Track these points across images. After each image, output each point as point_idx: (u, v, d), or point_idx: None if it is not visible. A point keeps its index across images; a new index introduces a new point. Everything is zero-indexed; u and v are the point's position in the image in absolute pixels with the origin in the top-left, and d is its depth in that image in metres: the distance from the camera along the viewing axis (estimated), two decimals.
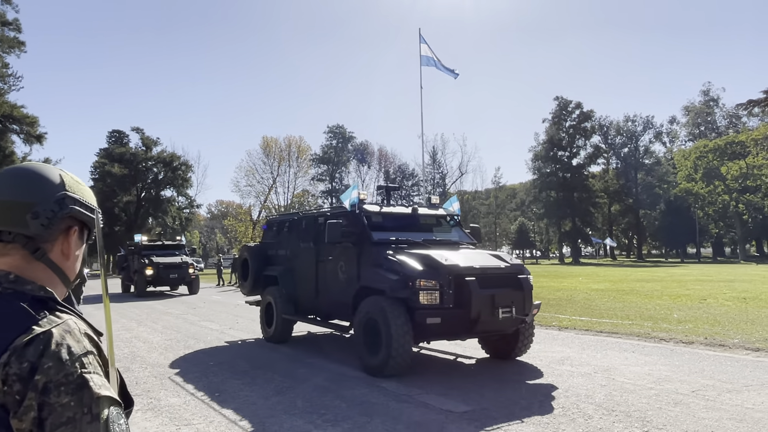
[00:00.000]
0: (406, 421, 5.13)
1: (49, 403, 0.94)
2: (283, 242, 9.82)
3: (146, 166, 56.79)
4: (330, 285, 8.19)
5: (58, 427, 0.94)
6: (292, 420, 5.19)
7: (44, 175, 1.13)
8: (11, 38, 43.09)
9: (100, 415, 0.97)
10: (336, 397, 5.95)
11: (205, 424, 5.11)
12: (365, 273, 7.33)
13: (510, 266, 7.33)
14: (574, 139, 65.29)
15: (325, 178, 70.75)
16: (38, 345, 0.97)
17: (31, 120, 44.12)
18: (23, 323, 1.00)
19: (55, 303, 1.09)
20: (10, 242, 1.10)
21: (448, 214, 8.98)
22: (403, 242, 7.62)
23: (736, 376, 6.54)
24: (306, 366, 7.66)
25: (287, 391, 6.26)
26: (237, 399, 5.98)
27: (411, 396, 5.96)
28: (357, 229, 7.60)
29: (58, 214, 1.11)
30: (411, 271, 6.60)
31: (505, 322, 6.66)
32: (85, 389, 0.97)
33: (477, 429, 4.81)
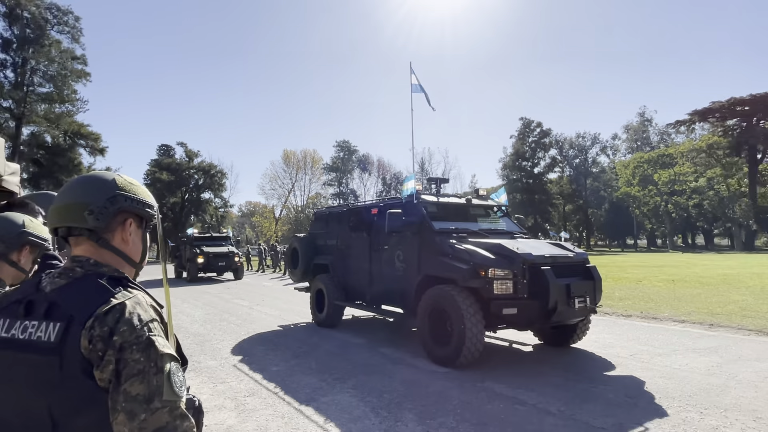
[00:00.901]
0: (400, 378, 5.13)
1: (124, 358, 0.98)
2: (332, 232, 8.62)
3: (189, 174, 56.66)
4: (385, 273, 6.96)
5: (130, 377, 0.97)
6: (307, 378, 5.19)
7: (99, 180, 1.17)
8: (79, 70, 42.98)
9: (164, 368, 1.01)
10: (343, 360, 5.95)
11: (237, 382, 5.11)
12: (429, 262, 6.10)
13: (577, 255, 6.06)
14: (536, 152, 65.22)
15: (334, 184, 70.63)
16: (115, 313, 1.01)
17: (95, 136, 44.02)
18: (103, 296, 1.04)
19: (127, 281, 1.13)
20: (80, 235, 1.14)
21: (497, 205, 7.71)
22: (462, 231, 6.42)
23: (666, 343, 6.58)
24: (318, 335, 7.65)
25: (303, 356, 6.25)
26: (262, 362, 5.98)
27: (404, 359, 5.97)
28: (417, 219, 6.41)
29: (110, 210, 1.14)
30: (483, 260, 5.42)
31: (579, 313, 5.62)
32: (152, 348, 1.01)
33: (454, 383, 4.84)
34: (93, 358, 0.98)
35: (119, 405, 0.97)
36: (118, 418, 0.97)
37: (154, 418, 0.97)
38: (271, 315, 9.89)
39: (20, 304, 1.09)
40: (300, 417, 4.05)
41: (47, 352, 1.00)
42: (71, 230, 1.14)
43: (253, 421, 3.98)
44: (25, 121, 40.27)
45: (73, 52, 42.59)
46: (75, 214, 1.12)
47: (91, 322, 1.00)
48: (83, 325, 0.99)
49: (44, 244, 1.76)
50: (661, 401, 4.25)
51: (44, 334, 1.01)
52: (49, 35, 41.12)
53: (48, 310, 1.04)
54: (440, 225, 6.41)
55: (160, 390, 0.99)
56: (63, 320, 1.01)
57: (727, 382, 4.76)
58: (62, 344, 0.99)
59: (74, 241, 1.16)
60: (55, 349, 0.99)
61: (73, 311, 1.02)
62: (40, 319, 1.03)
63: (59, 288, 1.08)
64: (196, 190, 57.54)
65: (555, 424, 3.78)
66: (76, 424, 1.00)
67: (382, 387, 4.82)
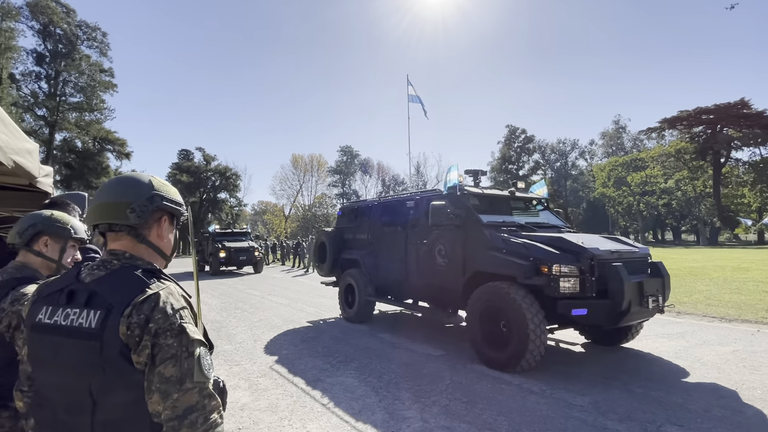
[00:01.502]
0: (398, 361, 5.13)
1: (158, 343, 1.00)
2: (362, 227, 7.64)
3: (206, 176, 56.53)
4: (424, 269, 6.04)
5: (164, 361, 0.99)
6: (314, 361, 5.19)
7: (138, 181, 1.18)
8: (106, 82, 42.91)
9: (194, 352, 1.02)
10: (346, 345, 5.95)
11: (250, 364, 5.11)
12: (479, 257, 5.15)
13: (641, 250, 5.11)
14: (520, 156, 65.26)
15: (338, 185, 70.58)
16: (150, 302, 1.02)
17: (121, 142, 43.95)
18: (139, 286, 1.05)
19: (160, 273, 1.14)
20: (120, 231, 1.15)
21: (538, 198, 6.68)
22: (510, 225, 5.51)
23: None
24: (324, 321, 7.64)
25: (310, 340, 6.25)
26: (273, 345, 5.98)
27: (401, 344, 5.97)
28: (462, 212, 5.47)
29: (149, 208, 1.15)
30: (546, 255, 4.48)
31: (651, 312, 4.72)
32: (184, 334, 1.03)
33: (447, 365, 4.85)
34: (131, 343, 1.00)
35: (154, 386, 0.98)
36: (153, 398, 0.98)
37: (186, 398, 0.99)
38: (281, 304, 9.89)
39: (61, 293, 1.09)
40: (307, 396, 4.05)
41: (89, 337, 1.01)
42: (111, 226, 1.14)
43: (265, 399, 3.99)
44: (58, 127, 40.20)
45: (101, 65, 42.51)
46: (118, 211, 1.12)
47: (129, 310, 1.01)
48: (122, 313, 1.00)
49: (66, 235, 1.76)
50: (633, 381, 4.26)
51: (86, 321, 1.02)
52: (80, 50, 41.03)
53: (89, 299, 1.05)
54: (487, 218, 5.47)
55: (191, 372, 1.00)
56: (103, 308, 1.02)
57: (693, 365, 4.78)
58: (102, 330, 1.00)
59: (113, 237, 1.17)
60: (96, 335, 1.00)
61: (113, 300, 1.03)
62: (82, 307, 1.04)
63: (98, 279, 1.09)
64: (213, 190, 57.45)
65: (537, 402, 3.80)
66: (113, 402, 1.01)
67: (382, 369, 4.82)
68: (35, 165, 2.71)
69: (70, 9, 40.22)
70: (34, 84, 39.78)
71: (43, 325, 1.07)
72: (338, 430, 3.33)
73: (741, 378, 4.33)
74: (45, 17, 38.55)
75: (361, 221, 7.81)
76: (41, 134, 38.83)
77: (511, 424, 3.35)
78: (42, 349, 1.08)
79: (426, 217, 5.80)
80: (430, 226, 5.71)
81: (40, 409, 1.09)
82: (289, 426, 3.42)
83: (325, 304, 9.62)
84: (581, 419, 3.42)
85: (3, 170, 2.71)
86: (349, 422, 3.45)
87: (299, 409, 3.74)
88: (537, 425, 3.33)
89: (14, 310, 1.48)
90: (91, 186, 39.98)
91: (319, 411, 3.70)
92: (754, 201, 46.03)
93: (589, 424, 3.32)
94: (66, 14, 40.01)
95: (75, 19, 40.75)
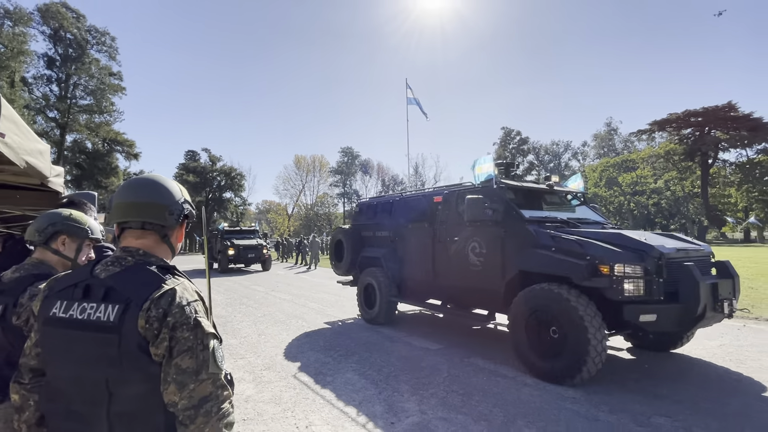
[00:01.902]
0: (396, 355, 5.13)
1: (176, 336, 1.01)
2: (383, 224, 6.96)
3: (212, 176, 56.57)
4: (455, 268, 5.36)
5: (181, 353, 1.00)
6: (316, 354, 5.19)
7: (173, 186, 1.21)
8: (115, 85, 42.86)
9: (209, 345, 1.04)
10: (347, 339, 5.95)
11: (254, 358, 5.11)
12: (523, 256, 4.48)
13: (704, 248, 4.48)
14: (515, 157, 65.22)
15: (339, 185, 70.53)
16: (168, 297, 1.03)
17: (129, 143, 43.92)
18: (156, 282, 1.06)
19: (174, 269, 1.15)
20: (149, 230, 1.16)
21: (575, 192, 5.92)
22: (552, 221, 4.87)
23: None
24: (326, 316, 7.64)
25: (312, 335, 6.25)
26: (276, 339, 5.98)
27: (400, 338, 5.96)
28: (500, 206, 4.80)
29: (183, 213, 1.20)
30: (605, 254, 3.83)
31: (722, 317, 4.03)
32: (199, 328, 1.04)
33: (444, 359, 4.85)
34: (149, 336, 1.00)
35: (170, 377, 0.99)
36: (169, 388, 0.99)
37: (201, 388, 1.00)
38: (284, 299, 9.88)
39: (76, 288, 1.09)
40: (310, 388, 4.05)
41: (107, 331, 1.01)
42: (143, 224, 1.15)
43: (269, 391, 3.99)
44: (69, 129, 40.14)
45: (110, 68, 42.44)
46: (157, 212, 1.14)
47: (148, 304, 1.01)
48: (140, 308, 1.01)
49: (83, 235, 1.78)
50: (623, 374, 4.27)
51: (104, 315, 1.02)
52: (89, 54, 40.94)
53: (106, 294, 1.05)
54: (527, 214, 4.84)
55: (206, 364, 1.02)
56: (121, 303, 1.02)
57: (680, 358, 4.78)
58: (121, 324, 1.00)
59: (137, 234, 1.16)
60: (114, 328, 1.00)
61: (130, 295, 1.03)
62: (99, 301, 1.04)
63: (114, 275, 1.08)
64: (218, 190, 57.48)
65: (531, 393, 3.80)
66: (129, 394, 1.01)
67: (381, 362, 4.82)
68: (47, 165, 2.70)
69: (80, 14, 40.10)
70: (45, 87, 39.71)
71: (57, 319, 1.07)
72: (339, 421, 3.33)
73: (727, 371, 4.34)
74: (56, 22, 38.44)
75: (381, 218, 7.10)
76: (52, 136, 38.78)
77: (506, 416, 3.35)
78: (56, 342, 1.07)
79: (457, 212, 5.28)
80: (465, 222, 5.02)
81: (52, 401, 1.08)
82: (292, 417, 3.42)
83: (326, 300, 9.62)
84: (573, 410, 3.42)
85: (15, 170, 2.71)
86: (350, 414, 3.45)
87: (302, 401, 3.74)
88: (531, 416, 3.33)
89: (32, 305, 1.48)
90: (100, 186, 39.95)
91: (321, 403, 3.70)
92: (741, 200, 46.07)
93: (581, 416, 3.32)
94: (76, 19, 39.90)
95: (85, 24, 40.64)
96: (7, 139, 1.95)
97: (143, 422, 1.02)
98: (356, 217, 7.94)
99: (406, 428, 3.17)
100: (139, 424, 1.01)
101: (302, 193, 64.70)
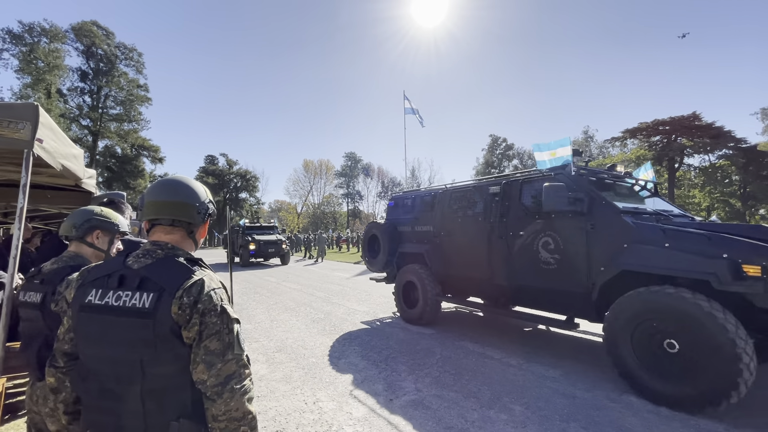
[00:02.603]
0: (395, 338, 5.10)
1: (205, 321, 1.02)
2: (424, 217, 5.85)
3: (229, 178, 56.61)
4: (521, 266, 4.29)
5: (209, 336, 1.02)
6: (322, 338, 5.19)
7: (200, 188, 1.22)
8: (142, 96, 42.83)
9: (233, 329, 1.07)
10: (350, 324, 5.94)
11: (267, 341, 5.11)
12: (622, 253, 3.39)
13: None
14: (501, 162, 65.26)
15: (343, 186, 70.60)
16: (197, 286, 1.05)
17: (155, 148, 43.88)
18: (186, 273, 1.07)
19: (200, 261, 1.16)
20: (177, 226, 1.17)
21: (648, 180, 4.70)
22: (642, 212, 3.80)
23: None
24: (330, 305, 7.62)
25: (319, 321, 6.24)
26: (286, 324, 5.98)
27: (398, 323, 5.93)
28: (583, 195, 3.75)
29: (208, 212, 1.21)
30: (752, 251, 2.78)
31: None
32: (225, 313, 1.06)
33: (437, 342, 4.81)
34: (181, 321, 1.02)
35: (199, 357, 1.01)
36: (198, 368, 1.01)
37: (227, 367, 1.02)
38: (294, 289, 9.88)
39: (110, 277, 1.09)
40: (317, 368, 4.06)
41: (143, 316, 1.01)
42: (173, 221, 1.16)
43: (280, 371, 4.00)
44: (100, 136, 40.10)
45: (138, 81, 42.39)
46: (186, 211, 1.16)
47: (181, 292, 1.02)
48: (173, 295, 1.02)
49: (114, 230, 1.81)
50: (599, 356, 4.27)
51: (139, 302, 1.02)
52: (119, 68, 40.88)
53: (140, 283, 1.05)
54: None
55: (232, 346, 1.04)
56: (156, 291, 1.03)
57: None
58: (156, 310, 1.01)
59: (167, 230, 1.17)
60: (149, 314, 1.01)
61: (164, 284, 1.04)
62: (134, 290, 1.04)
63: (147, 266, 1.09)
64: (235, 191, 57.53)
65: (515, 374, 3.80)
66: (160, 373, 1.01)
67: (381, 345, 4.82)
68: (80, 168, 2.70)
69: (110, 32, 40.03)
70: (79, 98, 39.63)
71: (93, 306, 1.06)
72: (344, 398, 3.33)
73: None
74: (88, 39, 38.35)
75: (422, 212, 5.99)
76: (86, 142, 38.73)
77: (493, 393, 3.36)
78: (92, 327, 1.06)
79: (520, 203, 4.40)
80: (534, 215, 4.20)
81: (86, 381, 1.08)
82: (301, 394, 3.42)
83: (332, 290, 9.61)
84: (553, 389, 3.43)
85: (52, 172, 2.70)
86: (353, 392, 3.46)
87: (310, 380, 3.74)
88: (516, 394, 3.33)
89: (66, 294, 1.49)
90: (129, 187, 39.92)
91: (327, 381, 3.70)
92: (704, 201, 46.18)
93: (560, 393, 3.33)
94: (106, 36, 39.82)
95: (114, 40, 40.56)
96: (44, 144, 1.96)
97: (172, 398, 1.02)
98: (391, 212, 6.76)
99: (403, 404, 3.18)
100: (168, 400, 1.02)
101: (310, 194, 64.78)
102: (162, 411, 1.01)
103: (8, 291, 1.86)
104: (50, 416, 1.43)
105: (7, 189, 3.72)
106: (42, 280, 1.59)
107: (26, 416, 1.57)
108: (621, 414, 2.95)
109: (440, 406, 3.14)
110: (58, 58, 35.48)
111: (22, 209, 1.86)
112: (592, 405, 3.11)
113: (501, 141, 65.57)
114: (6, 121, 1.69)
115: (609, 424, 2.79)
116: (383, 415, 2.99)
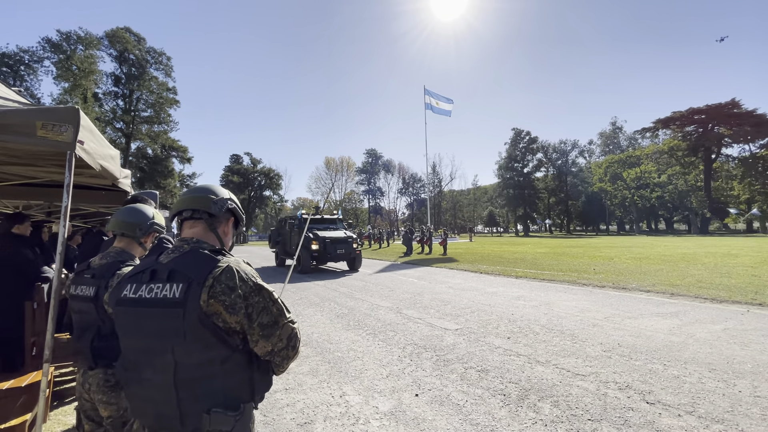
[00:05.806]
0: (419, 334, 5.11)
1: (250, 303, 1.09)
2: None
3: (253, 176, 57.76)
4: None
5: (259, 312, 1.10)
6: (347, 333, 5.24)
7: (220, 188, 1.30)
8: (171, 99, 44.28)
9: (276, 300, 1.15)
10: (374, 320, 5.98)
11: None
12: None
13: None
14: (525, 155, 63.61)
15: (364, 183, 70.74)
16: (228, 272, 1.09)
17: (183, 149, 45.34)
18: (212, 262, 1.12)
19: (223, 250, 1.22)
20: (198, 218, 1.23)
21: None
22: None
23: (633, 309, 6.35)
24: (354, 300, 7.69)
25: (343, 316, 6.31)
26: (311, 319, 6.07)
27: (423, 319, 5.94)
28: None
29: (225, 206, 1.26)
30: None
31: None
32: (263, 289, 1.14)
33: (464, 339, 4.80)
34: (214, 310, 1.05)
35: (256, 335, 1.10)
36: (259, 343, 1.11)
37: (285, 331, 1.14)
38: (318, 285, 10.01)
39: (143, 273, 1.15)
40: (342, 362, 4.10)
41: (173, 306, 1.05)
42: (193, 213, 1.23)
43: (307, 365, 4.06)
44: (133, 138, 41.77)
45: (167, 85, 43.84)
46: (204, 201, 1.23)
47: (211, 281, 1.06)
48: (202, 285, 1.05)
49: (163, 231, 1.96)
50: (630, 355, 4.12)
51: (169, 293, 1.06)
52: (149, 72, 42.36)
53: (170, 275, 1.09)
54: None
55: (281, 312, 1.16)
56: (184, 282, 1.07)
57: (686, 341, 4.57)
58: (185, 299, 1.04)
59: (190, 224, 1.24)
60: (179, 303, 1.04)
61: (191, 274, 1.08)
62: (164, 282, 1.09)
63: (174, 259, 1.14)
64: (259, 189, 58.69)
65: (543, 371, 3.72)
66: (191, 362, 1.04)
67: (405, 341, 4.82)
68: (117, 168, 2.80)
69: (141, 37, 41.49)
70: (112, 102, 41.39)
71: (128, 299, 1.11)
72: (369, 392, 3.35)
73: (732, 353, 4.12)
74: (120, 45, 39.89)
75: None
76: (119, 143, 40.46)
77: (520, 391, 3.29)
78: (128, 319, 1.11)
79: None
80: None
81: (127, 370, 1.13)
82: (327, 388, 3.46)
83: (354, 285, 9.67)
84: (583, 387, 3.33)
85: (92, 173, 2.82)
86: (378, 386, 3.47)
87: (336, 374, 3.78)
88: (543, 392, 3.26)
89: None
90: (159, 186, 41.44)
91: (352, 375, 3.73)
92: (743, 193, 43.48)
93: (590, 392, 3.23)
94: (137, 42, 41.29)
95: (145, 46, 42.03)
96: (86, 146, 2.04)
97: (204, 387, 1.05)
98: None
99: (429, 400, 3.16)
100: (201, 389, 1.04)
101: (332, 191, 65.24)
102: (196, 399, 1.04)
103: (56, 284, 1.97)
104: (104, 402, 1.53)
105: (50, 189, 3.92)
106: (93, 274, 1.69)
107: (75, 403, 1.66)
108: (657, 416, 2.83)
109: (466, 402, 3.10)
110: (93, 64, 37.13)
111: (66, 208, 1.95)
112: (625, 405, 3.00)
113: (524, 135, 63.92)
114: (50, 124, 1.77)
115: (644, 426, 2.69)
116: (409, 410, 2.99)
